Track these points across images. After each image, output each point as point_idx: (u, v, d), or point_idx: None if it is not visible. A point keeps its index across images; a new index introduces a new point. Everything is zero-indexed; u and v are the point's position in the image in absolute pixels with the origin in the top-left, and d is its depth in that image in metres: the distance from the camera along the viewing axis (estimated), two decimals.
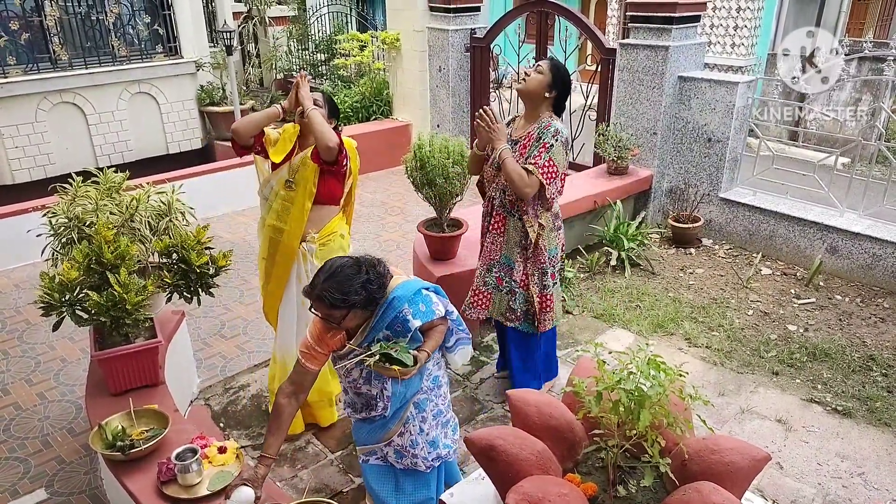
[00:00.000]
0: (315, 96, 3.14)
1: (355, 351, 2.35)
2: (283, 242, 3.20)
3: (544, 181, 3.14)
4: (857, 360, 4.15)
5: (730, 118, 5.51)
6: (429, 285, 2.49)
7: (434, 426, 2.58)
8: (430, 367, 2.55)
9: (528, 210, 3.26)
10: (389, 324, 2.33)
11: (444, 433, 2.63)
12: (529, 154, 3.17)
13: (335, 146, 2.98)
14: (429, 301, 2.41)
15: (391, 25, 8.40)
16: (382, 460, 2.61)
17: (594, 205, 5.56)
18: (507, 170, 3.11)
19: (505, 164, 3.12)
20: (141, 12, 7.42)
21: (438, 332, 2.47)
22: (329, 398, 3.60)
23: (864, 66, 10.03)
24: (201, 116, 8.05)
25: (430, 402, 2.56)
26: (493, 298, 3.54)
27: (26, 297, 5.08)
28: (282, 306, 3.35)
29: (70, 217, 2.99)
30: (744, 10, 10.78)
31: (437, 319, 2.43)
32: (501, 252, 3.43)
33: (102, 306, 2.65)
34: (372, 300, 2.28)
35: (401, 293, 2.34)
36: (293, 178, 3.13)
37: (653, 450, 1.70)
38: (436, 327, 2.46)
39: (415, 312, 2.33)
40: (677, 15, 5.47)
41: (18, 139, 6.73)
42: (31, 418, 3.74)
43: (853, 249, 5.06)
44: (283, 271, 3.26)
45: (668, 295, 4.96)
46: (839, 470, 3.29)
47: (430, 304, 2.40)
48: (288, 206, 3.16)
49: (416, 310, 2.34)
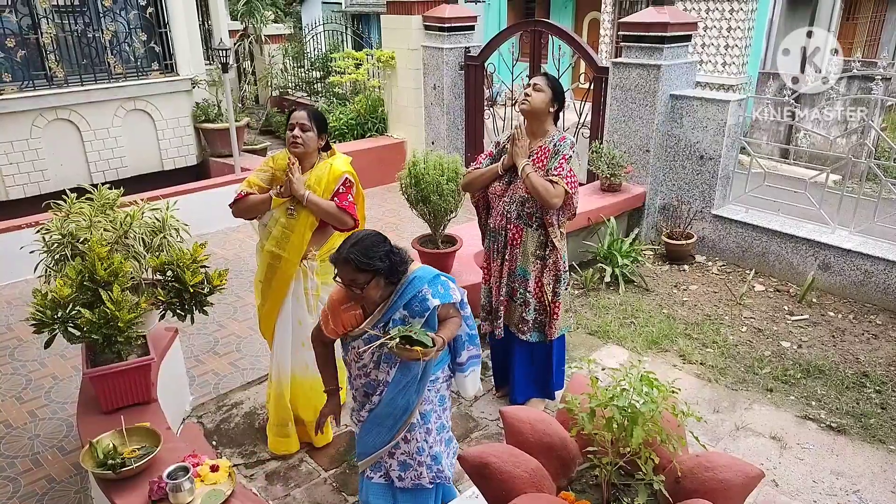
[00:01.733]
0: (300, 116, 3.12)
1: (371, 335, 2.39)
2: (280, 269, 3.20)
3: (570, 190, 3.25)
4: (850, 377, 4.15)
5: (721, 136, 5.57)
6: (444, 274, 2.55)
7: (438, 441, 2.60)
8: (439, 383, 2.59)
9: (553, 220, 3.36)
10: (408, 302, 2.39)
11: (446, 452, 2.65)
12: (550, 166, 3.27)
13: (352, 225, 3.12)
14: (447, 285, 2.48)
15: (386, 44, 8.47)
16: (385, 477, 2.61)
17: (588, 222, 5.58)
18: (534, 183, 3.21)
19: (530, 179, 3.22)
20: (137, 30, 7.46)
21: (453, 324, 2.52)
22: None
23: (853, 85, 10.16)
24: (196, 133, 8.07)
25: (435, 413, 2.59)
26: (509, 307, 3.61)
27: (18, 314, 5.05)
28: (278, 324, 3.34)
29: (63, 234, 2.99)
30: (734, 29, 10.93)
31: (452, 308, 2.50)
32: (517, 264, 3.48)
33: (94, 324, 2.63)
34: (395, 271, 2.36)
35: (421, 274, 2.43)
36: (294, 207, 3.13)
37: (646, 467, 1.70)
38: (451, 318, 2.52)
39: (434, 292, 2.40)
40: (669, 34, 5.55)
41: (13, 155, 6.72)
42: (21, 437, 3.70)
43: (845, 266, 5.09)
44: (280, 293, 3.25)
45: (662, 311, 4.97)
46: (834, 487, 3.28)
47: (448, 288, 2.47)
48: (288, 234, 3.15)
49: (434, 290, 2.41)
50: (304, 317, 3.32)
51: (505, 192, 3.42)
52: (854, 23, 12.85)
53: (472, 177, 3.53)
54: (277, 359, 3.39)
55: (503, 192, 3.42)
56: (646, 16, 5.72)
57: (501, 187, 3.43)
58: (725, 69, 11.24)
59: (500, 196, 3.44)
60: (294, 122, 3.12)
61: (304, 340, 3.30)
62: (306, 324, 3.30)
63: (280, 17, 13.72)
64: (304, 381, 3.41)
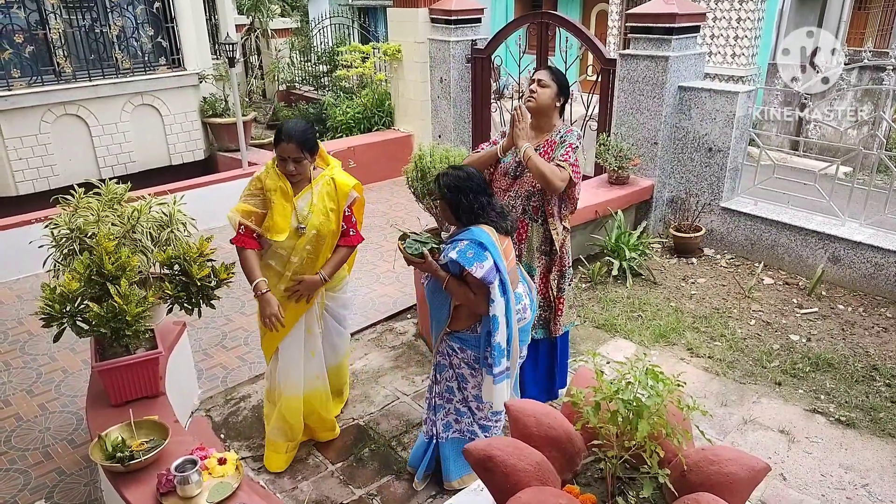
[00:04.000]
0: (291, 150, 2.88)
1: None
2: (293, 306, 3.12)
3: (574, 177, 3.20)
4: (860, 371, 4.13)
5: (730, 128, 5.52)
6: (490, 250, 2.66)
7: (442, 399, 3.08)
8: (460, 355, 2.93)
9: (555, 212, 3.33)
10: (453, 242, 2.73)
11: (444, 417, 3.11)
12: (555, 155, 3.24)
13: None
14: (480, 256, 2.63)
15: (393, 37, 8.45)
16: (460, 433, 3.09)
17: (595, 215, 5.56)
18: (537, 164, 3.13)
19: (532, 160, 3.14)
20: (144, 25, 7.47)
21: (458, 288, 2.73)
22: (331, 426, 3.55)
23: (864, 76, 10.05)
24: (204, 128, 8.09)
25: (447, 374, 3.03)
26: None
27: (28, 308, 5.09)
28: (286, 338, 3.20)
29: (72, 228, 3.00)
30: (744, 20, 10.83)
31: (471, 277, 2.63)
32: (523, 260, 3.45)
33: (103, 318, 2.65)
34: (460, 215, 2.73)
35: (475, 233, 2.68)
36: (305, 225, 2.99)
37: (651, 460, 1.69)
38: (466, 284, 2.71)
39: (460, 250, 2.64)
40: (677, 25, 5.50)
41: (22, 151, 6.77)
42: (31, 429, 3.74)
43: (855, 259, 5.05)
44: (297, 316, 3.17)
45: (670, 305, 4.95)
46: (843, 481, 3.26)
47: (476, 258, 2.62)
48: (313, 259, 3.06)
49: (463, 249, 2.64)
50: (312, 325, 3.25)
51: (511, 186, 3.38)
52: (866, 12, 12.70)
53: (470, 160, 3.48)
54: (287, 374, 3.24)
55: (509, 187, 3.39)
56: (654, 7, 5.67)
57: (507, 182, 3.39)
58: (735, 60, 11.15)
59: (506, 191, 3.41)
60: (286, 155, 2.90)
61: (314, 349, 3.28)
62: (315, 333, 3.26)
63: (286, 11, 13.70)
64: (313, 393, 3.36)
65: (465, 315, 2.85)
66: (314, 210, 3.00)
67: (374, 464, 3.42)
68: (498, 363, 2.72)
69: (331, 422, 3.54)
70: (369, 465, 3.41)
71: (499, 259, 2.66)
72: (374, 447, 3.53)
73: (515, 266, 2.95)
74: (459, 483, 3.11)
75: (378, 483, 3.29)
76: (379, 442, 3.58)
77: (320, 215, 3.02)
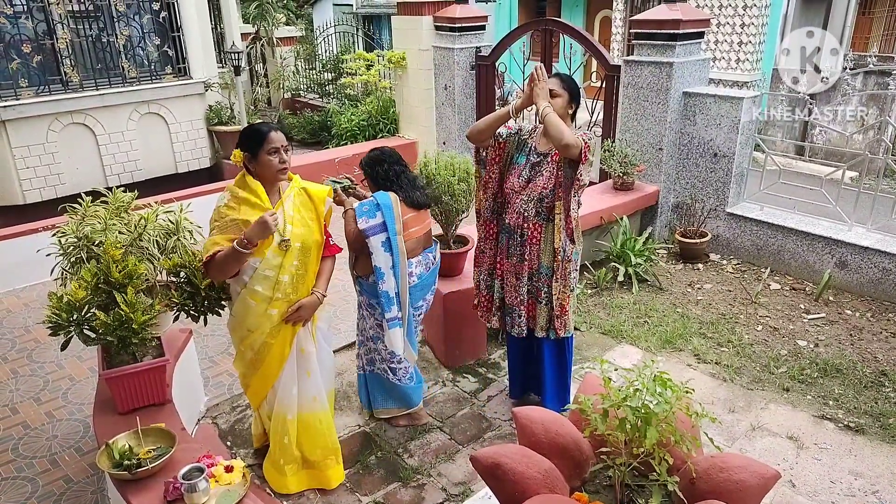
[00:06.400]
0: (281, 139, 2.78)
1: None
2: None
3: (585, 151, 3.12)
4: (868, 376, 4.10)
5: (735, 133, 5.52)
6: (383, 204, 3.17)
7: (361, 334, 3.61)
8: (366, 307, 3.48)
9: (568, 206, 3.27)
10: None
11: (361, 352, 3.66)
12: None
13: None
14: (371, 214, 3.16)
15: (397, 45, 8.49)
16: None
17: (601, 221, 5.56)
18: (553, 121, 3.10)
19: (550, 118, 3.12)
20: (151, 34, 7.53)
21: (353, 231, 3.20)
22: (335, 453, 3.27)
23: (869, 80, 10.03)
24: (210, 136, 8.13)
25: (362, 316, 3.55)
26: (534, 309, 3.50)
27: (35, 317, 5.11)
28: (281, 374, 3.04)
29: (79, 236, 3.01)
30: (748, 25, 10.83)
31: (352, 220, 3.18)
32: (540, 262, 3.40)
33: (109, 326, 2.66)
34: (378, 183, 3.34)
35: (379, 196, 3.22)
36: (288, 237, 2.82)
37: (660, 468, 1.68)
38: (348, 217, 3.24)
39: (360, 204, 3.22)
40: (681, 31, 5.51)
41: (30, 160, 6.82)
42: (38, 437, 3.75)
43: (862, 264, 5.03)
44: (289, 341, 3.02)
45: (676, 311, 4.93)
46: (853, 488, 3.24)
47: (368, 214, 3.15)
48: (303, 274, 2.91)
49: (361, 203, 3.22)
50: (305, 344, 3.06)
51: (524, 188, 3.35)
52: (870, 17, 12.69)
53: (483, 120, 3.38)
54: (280, 394, 3.07)
55: (521, 189, 3.36)
56: (658, 13, 5.69)
57: (520, 183, 3.36)
58: (739, 66, 11.14)
59: (518, 193, 3.38)
60: (278, 144, 2.76)
61: (310, 369, 3.08)
62: (309, 350, 3.07)
63: (291, 20, 13.78)
64: (311, 416, 3.14)
65: (363, 263, 3.32)
66: (294, 222, 2.86)
67: (380, 471, 3.41)
68: (388, 308, 3.21)
69: (333, 450, 3.25)
70: (376, 472, 3.41)
71: (390, 221, 3.15)
72: (380, 454, 3.53)
73: (421, 238, 3.40)
74: (385, 413, 3.71)
75: (385, 490, 3.28)
76: (385, 449, 3.57)
77: (301, 226, 2.88)
